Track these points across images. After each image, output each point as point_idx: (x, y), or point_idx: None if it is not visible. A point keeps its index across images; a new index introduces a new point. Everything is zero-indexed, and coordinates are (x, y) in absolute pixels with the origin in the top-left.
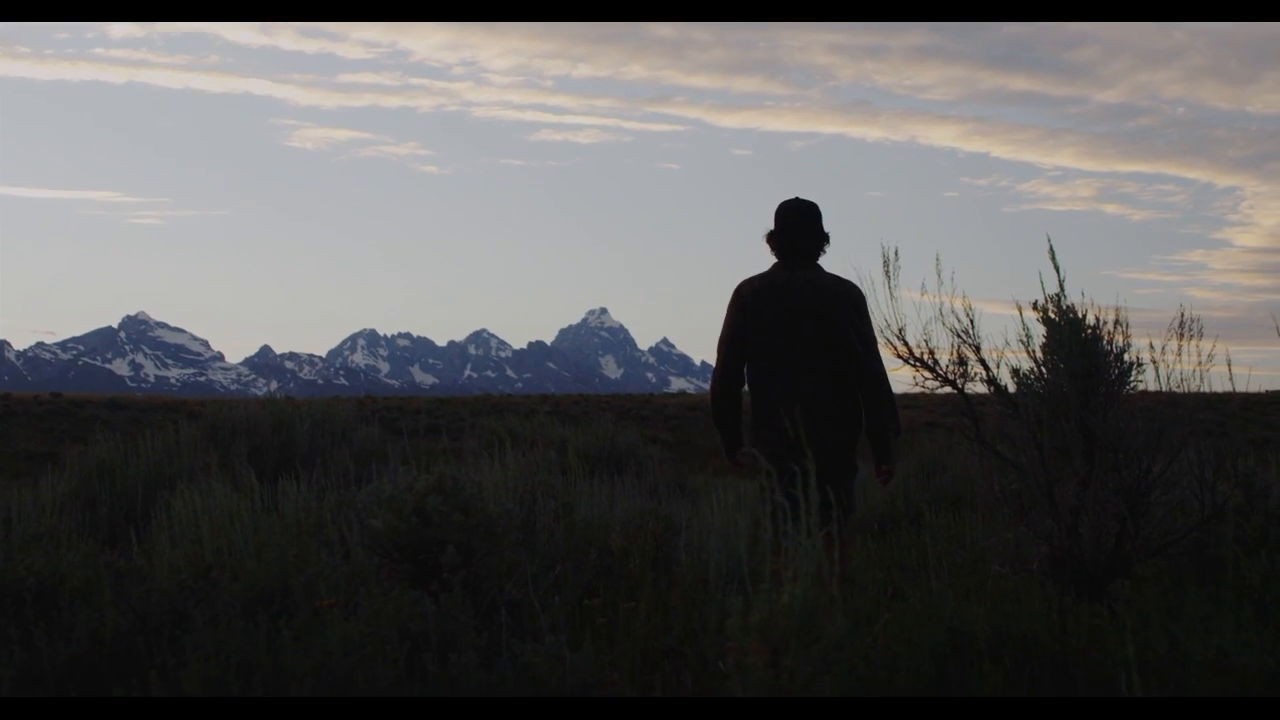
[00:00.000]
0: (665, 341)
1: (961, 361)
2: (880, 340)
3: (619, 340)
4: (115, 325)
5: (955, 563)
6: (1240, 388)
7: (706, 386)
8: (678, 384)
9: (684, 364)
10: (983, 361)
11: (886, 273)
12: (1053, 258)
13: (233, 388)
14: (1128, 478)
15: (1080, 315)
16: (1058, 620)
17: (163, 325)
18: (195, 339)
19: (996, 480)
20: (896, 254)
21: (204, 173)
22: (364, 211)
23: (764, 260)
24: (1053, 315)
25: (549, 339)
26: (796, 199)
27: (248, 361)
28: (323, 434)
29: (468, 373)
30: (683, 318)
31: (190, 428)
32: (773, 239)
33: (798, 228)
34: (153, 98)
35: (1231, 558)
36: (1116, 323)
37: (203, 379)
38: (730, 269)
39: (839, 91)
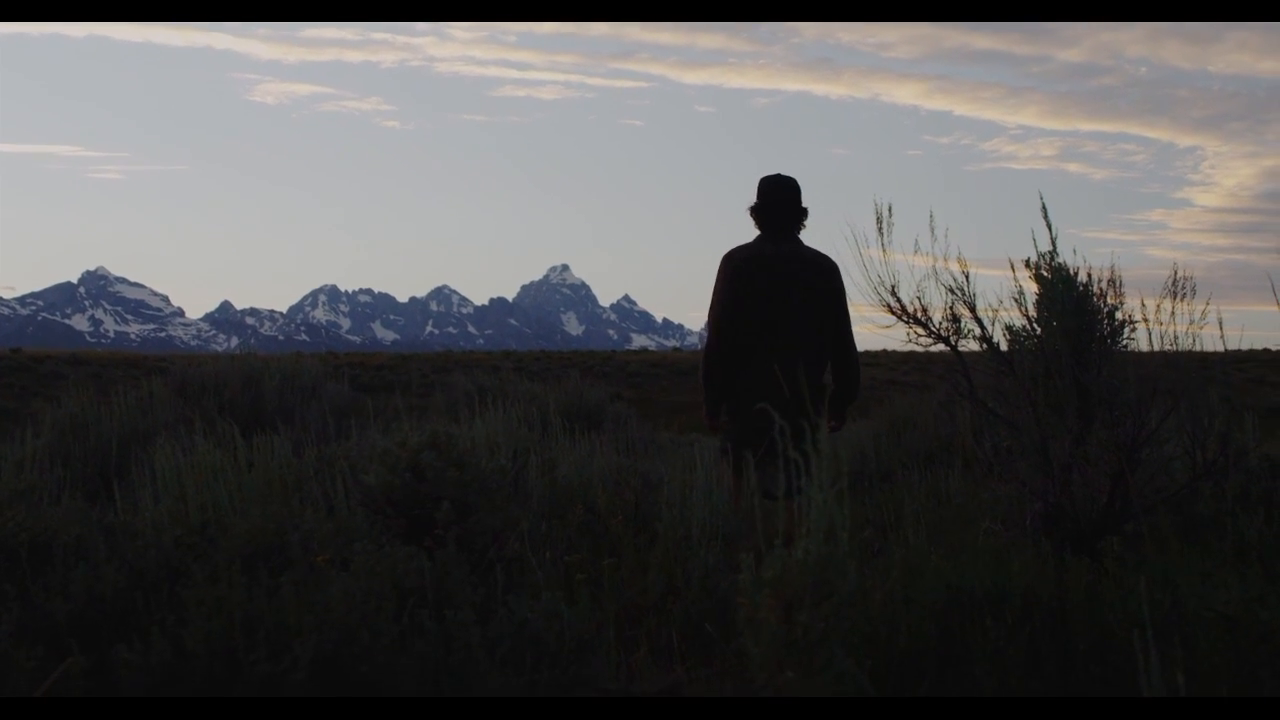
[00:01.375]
0: (627, 298)
1: (955, 318)
2: (874, 298)
3: (580, 297)
4: (75, 280)
5: (936, 520)
6: (1232, 348)
7: (668, 344)
8: (639, 341)
9: (645, 321)
10: (978, 319)
11: (880, 229)
12: (1045, 216)
13: (193, 343)
14: (1122, 434)
15: (1073, 273)
16: (1054, 576)
17: (123, 280)
18: (155, 294)
19: (988, 437)
20: (890, 210)
21: (165, 127)
22: (325, 167)
23: (727, 216)
24: (1045, 273)
25: (510, 295)
26: (778, 175)
27: (208, 317)
28: (292, 390)
29: (429, 329)
30: (645, 275)
31: (160, 384)
32: (756, 212)
33: (780, 203)
34: (113, 51)
35: (1229, 514)
36: (1110, 281)
37: (163, 335)
38: (692, 227)
39: (802, 49)
